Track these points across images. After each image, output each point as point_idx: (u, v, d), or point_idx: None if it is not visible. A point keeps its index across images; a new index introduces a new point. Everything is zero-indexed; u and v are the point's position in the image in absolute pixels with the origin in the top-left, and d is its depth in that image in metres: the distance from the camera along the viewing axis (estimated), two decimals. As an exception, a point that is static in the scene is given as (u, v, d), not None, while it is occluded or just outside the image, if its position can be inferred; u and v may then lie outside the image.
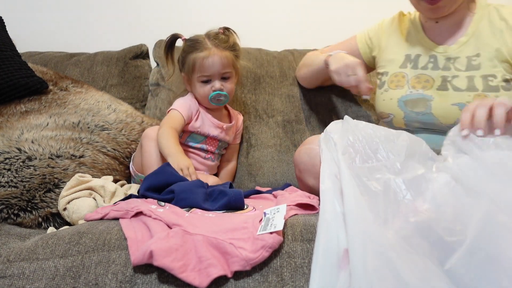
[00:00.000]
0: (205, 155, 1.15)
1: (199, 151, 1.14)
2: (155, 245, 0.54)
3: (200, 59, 1.08)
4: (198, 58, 1.08)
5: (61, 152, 0.97)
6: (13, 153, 0.91)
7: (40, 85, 1.15)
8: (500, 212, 0.49)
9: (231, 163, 1.24)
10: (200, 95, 1.12)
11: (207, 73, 1.08)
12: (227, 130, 1.18)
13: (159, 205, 0.71)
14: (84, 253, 0.59)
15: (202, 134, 1.14)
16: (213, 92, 1.09)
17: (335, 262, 0.50)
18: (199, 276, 0.52)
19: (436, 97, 0.94)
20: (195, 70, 1.09)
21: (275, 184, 1.20)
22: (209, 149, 1.16)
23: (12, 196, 0.86)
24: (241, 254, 0.53)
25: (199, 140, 1.14)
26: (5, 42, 1.21)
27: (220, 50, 1.10)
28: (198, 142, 1.14)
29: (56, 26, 1.63)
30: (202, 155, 1.15)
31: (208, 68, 1.08)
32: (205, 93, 1.10)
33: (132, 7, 1.67)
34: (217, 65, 1.08)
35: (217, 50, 1.09)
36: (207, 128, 1.14)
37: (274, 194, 0.87)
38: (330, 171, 0.64)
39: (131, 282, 0.55)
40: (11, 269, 0.58)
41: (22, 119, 1.04)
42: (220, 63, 1.08)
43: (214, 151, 1.17)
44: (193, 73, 1.10)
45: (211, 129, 1.15)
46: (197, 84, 1.11)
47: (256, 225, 0.59)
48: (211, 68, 1.08)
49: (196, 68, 1.09)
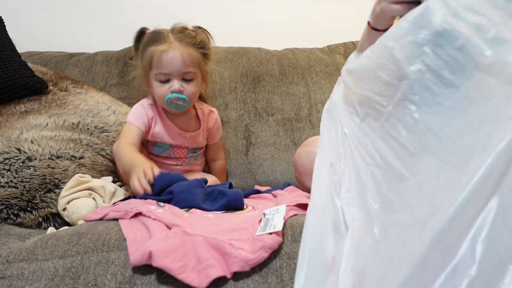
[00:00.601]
0: (176, 161, 1.04)
1: (168, 160, 1.04)
2: (154, 246, 0.54)
3: (158, 53, 0.92)
4: (156, 52, 0.92)
5: (61, 152, 0.97)
6: (12, 153, 0.91)
7: (40, 85, 1.15)
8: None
9: (217, 162, 1.15)
10: (157, 96, 0.97)
11: (165, 71, 0.92)
12: (194, 137, 1.05)
13: (158, 206, 0.71)
14: (83, 254, 0.59)
15: (165, 143, 1.01)
16: (170, 94, 0.93)
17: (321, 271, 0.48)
18: (198, 276, 0.52)
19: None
20: (152, 66, 0.94)
21: (275, 182, 1.20)
22: (178, 156, 1.05)
23: (12, 196, 0.86)
24: (240, 255, 0.53)
25: (165, 148, 1.03)
26: (5, 42, 1.21)
27: (183, 46, 0.94)
28: (164, 151, 1.03)
29: (56, 26, 1.63)
30: (173, 162, 1.04)
31: (167, 65, 0.92)
32: (162, 94, 0.94)
33: (132, 7, 1.67)
34: (177, 62, 0.92)
35: (179, 44, 0.93)
36: (168, 137, 1.01)
37: (274, 194, 0.87)
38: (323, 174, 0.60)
39: (130, 283, 0.55)
40: (10, 269, 0.58)
41: (22, 119, 1.04)
42: (181, 59, 0.92)
43: (186, 156, 1.06)
44: (150, 69, 0.95)
45: (174, 137, 1.01)
46: (154, 83, 0.95)
47: (255, 225, 0.59)
48: (170, 65, 0.92)
49: (153, 64, 0.93)
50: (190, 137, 1.04)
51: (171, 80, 0.94)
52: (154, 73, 0.95)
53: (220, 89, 1.36)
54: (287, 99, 1.34)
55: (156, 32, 0.97)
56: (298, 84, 1.37)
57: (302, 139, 1.26)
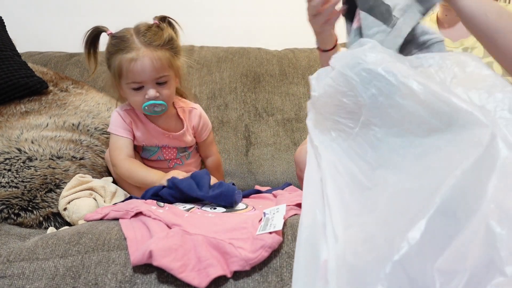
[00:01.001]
0: (168, 163, 1.02)
1: (159, 163, 1.02)
2: (154, 245, 0.54)
3: (127, 62, 0.87)
4: (124, 61, 0.88)
5: (61, 153, 0.97)
6: (13, 153, 0.91)
7: (40, 85, 1.15)
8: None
9: (210, 158, 1.12)
10: (133, 104, 0.95)
11: (137, 80, 0.89)
12: (180, 137, 1.01)
13: (158, 206, 0.72)
14: (84, 253, 0.59)
15: (151, 145, 0.99)
16: (147, 102, 0.90)
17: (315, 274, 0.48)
18: (199, 276, 0.52)
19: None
20: (122, 76, 0.90)
21: (275, 183, 1.20)
22: (168, 157, 1.03)
23: (13, 196, 0.86)
24: (240, 254, 0.53)
25: (153, 151, 1.01)
26: (5, 42, 1.21)
27: (152, 50, 0.89)
28: (153, 154, 1.01)
29: (56, 26, 1.64)
30: (165, 164, 1.02)
31: (138, 74, 0.88)
32: (138, 102, 0.91)
33: (132, 7, 1.67)
34: (148, 70, 0.88)
35: (148, 50, 0.88)
36: (152, 139, 0.98)
37: (274, 194, 0.87)
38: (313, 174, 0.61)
39: (131, 282, 0.55)
40: (11, 269, 0.58)
41: (22, 119, 1.04)
42: (152, 67, 0.88)
43: (176, 156, 1.04)
44: (120, 78, 0.91)
45: (158, 138, 0.99)
46: (127, 91, 0.92)
47: (255, 225, 0.59)
48: (141, 74, 0.88)
49: (123, 74, 0.89)
50: (174, 137, 1.01)
51: (145, 87, 0.90)
52: (125, 82, 0.91)
53: (220, 89, 1.36)
54: (287, 99, 1.34)
55: (120, 37, 0.91)
56: (298, 84, 1.37)
57: (302, 139, 1.27)
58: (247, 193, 0.91)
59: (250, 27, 1.68)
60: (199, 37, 1.54)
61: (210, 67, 1.40)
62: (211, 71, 1.39)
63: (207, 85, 1.37)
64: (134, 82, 0.89)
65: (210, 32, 1.56)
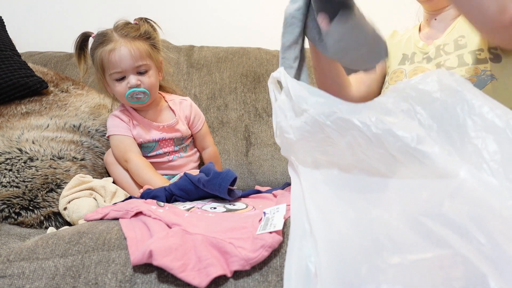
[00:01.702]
0: (168, 157, 1.05)
1: (159, 157, 1.05)
2: (154, 245, 0.54)
3: (107, 54, 0.94)
4: (104, 53, 0.95)
5: (62, 153, 0.97)
6: (14, 153, 0.92)
7: (40, 85, 1.15)
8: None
9: (207, 149, 1.15)
10: (117, 95, 1.00)
11: (118, 69, 0.95)
12: (173, 126, 1.05)
13: (158, 206, 0.72)
14: (84, 253, 0.59)
15: (149, 141, 1.03)
16: (129, 90, 0.95)
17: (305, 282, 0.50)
18: (199, 275, 0.52)
19: None
20: (104, 68, 0.96)
21: (275, 183, 1.20)
22: (167, 150, 1.05)
23: (14, 196, 0.86)
24: (240, 254, 0.53)
25: (151, 147, 1.04)
26: (5, 42, 1.21)
27: (129, 41, 0.95)
28: (151, 150, 1.04)
29: (56, 26, 1.64)
30: (165, 159, 1.05)
31: (117, 63, 0.94)
32: (122, 92, 0.97)
33: (132, 7, 1.67)
34: (127, 58, 0.94)
35: (125, 41, 0.95)
36: (147, 133, 1.03)
37: (274, 194, 0.87)
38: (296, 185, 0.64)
39: (131, 282, 0.55)
40: (11, 268, 0.58)
41: (23, 120, 1.04)
42: (130, 55, 0.94)
43: (174, 149, 1.06)
44: (104, 72, 0.97)
45: (153, 133, 1.03)
46: (111, 83, 0.98)
47: (255, 224, 0.59)
48: (121, 63, 0.94)
49: (105, 65, 0.96)
50: (168, 127, 1.05)
51: (126, 77, 0.96)
52: (108, 74, 0.97)
53: (220, 90, 1.36)
54: (287, 99, 1.35)
55: (100, 34, 0.99)
56: (298, 84, 1.37)
57: (302, 139, 1.27)
58: (247, 193, 0.91)
59: (250, 27, 1.68)
60: (199, 37, 1.54)
61: (210, 67, 1.40)
62: (211, 71, 1.39)
63: (207, 85, 1.37)
64: (115, 72, 0.95)
65: (210, 32, 1.56)
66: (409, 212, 0.49)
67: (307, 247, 0.53)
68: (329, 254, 0.48)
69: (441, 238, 0.45)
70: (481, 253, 0.43)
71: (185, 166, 1.09)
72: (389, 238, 0.47)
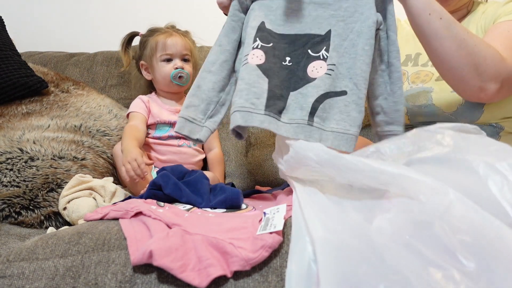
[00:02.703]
0: (177, 142, 1.14)
1: (170, 140, 1.14)
2: (154, 245, 0.54)
3: (163, 38, 1.15)
4: (160, 38, 1.15)
5: (63, 153, 0.97)
6: (15, 153, 0.92)
7: (40, 85, 1.15)
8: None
9: (213, 150, 1.22)
10: (161, 75, 1.15)
11: (169, 51, 1.14)
12: None
13: (158, 206, 0.72)
14: (83, 253, 0.59)
15: (164, 122, 1.14)
16: (175, 70, 1.13)
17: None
18: (199, 276, 0.52)
19: (436, 87, 0.96)
20: (157, 50, 1.14)
21: (275, 183, 1.20)
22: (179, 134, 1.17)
23: (14, 195, 0.86)
24: (240, 254, 0.53)
25: (165, 129, 1.15)
26: (5, 41, 1.21)
27: (180, 34, 1.18)
28: (165, 131, 1.14)
29: (56, 26, 1.64)
30: (175, 143, 1.14)
31: (170, 47, 1.14)
32: (167, 72, 1.14)
33: (132, 7, 1.67)
34: (179, 45, 1.14)
35: (178, 33, 1.18)
36: (166, 115, 1.15)
37: (274, 194, 0.87)
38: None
39: (131, 282, 0.55)
40: (11, 269, 0.58)
41: (24, 120, 1.04)
42: (182, 43, 1.15)
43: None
44: (153, 55, 1.15)
45: (170, 116, 1.15)
46: (158, 64, 1.15)
47: (255, 225, 0.59)
48: (173, 47, 1.14)
49: (158, 48, 1.14)
50: None
51: (173, 60, 1.15)
52: (158, 55, 1.14)
53: (220, 90, 1.36)
54: (287, 100, 1.35)
55: (154, 27, 1.20)
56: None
57: (302, 140, 1.27)
58: (247, 194, 0.91)
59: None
60: (199, 37, 1.53)
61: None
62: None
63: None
64: (166, 53, 1.14)
65: (210, 32, 1.56)
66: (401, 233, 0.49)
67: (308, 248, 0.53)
68: (326, 254, 0.48)
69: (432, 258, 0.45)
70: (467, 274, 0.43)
71: (190, 157, 1.15)
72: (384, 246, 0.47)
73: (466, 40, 0.76)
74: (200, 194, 0.78)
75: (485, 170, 0.51)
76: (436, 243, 0.46)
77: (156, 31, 1.18)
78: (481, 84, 0.77)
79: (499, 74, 0.75)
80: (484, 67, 0.76)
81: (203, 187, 0.80)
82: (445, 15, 0.76)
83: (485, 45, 0.77)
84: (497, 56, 0.77)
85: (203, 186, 0.80)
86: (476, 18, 0.99)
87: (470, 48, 0.76)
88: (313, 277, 0.49)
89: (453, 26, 0.76)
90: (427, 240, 0.46)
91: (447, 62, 0.79)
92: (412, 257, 0.46)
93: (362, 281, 0.45)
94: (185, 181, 0.82)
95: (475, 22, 0.98)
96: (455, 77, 0.80)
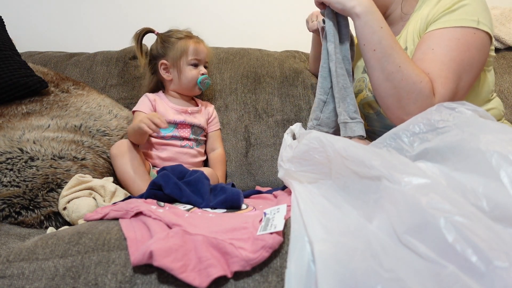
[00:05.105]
0: (180, 142, 1.17)
1: (174, 140, 1.16)
2: (155, 245, 0.54)
3: (194, 43, 1.20)
4: (190, 43, 1.20)
5: (63, 153, 0.97)
6: (15, 153, 0.92)
7: (40, 85, 1.15)
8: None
9: (216, 150, 1.24)
10: (188, 78, 1.19)
11: (198, 57, 1.20)
12: (194, 114, 1.22)
13: (159, 206, 0.71)
14: (83, 253, 0.59)
15: (168, 122, 1.16)
16: (202, 76, 1.19)
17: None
18: (199, 276, 0.52)
19: None
20: (187, 53, 1.19)
21: (275, 183, 1.20)
22: (183, 135, 1.17)
23: (14, 195, 0.86)
24: (241, 254, 0.53)
25: (170, 129, 1.17)
26: (5, 41, 1.21)
27: (203, 42, 1.24)
28: (169, 131, 1.17)
29: (56, 26, 1.64)
30: (178, 143, 1.16)
31: (200, 53, 1.20)
32: (194, 76, 1.19)
33: (132, 7, 1.67)
34: (204, 52, 1.22)
35: (202, 41, 1.24)
36: (172, 115, 1.18)
37: (274, 194, 0.87)
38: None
39: (131, 282, 0.55)
40: (11, 269, 0.57)
41: (24, 120, 1.04)
42: (206, 52, 1.22)
43: (189, 136, 1.18)
44: (182, 57, 1.19)
45: (176, 116, 1.18)
46: (186, 67, 1.19)
47: (256, 225, 0.59)
48: (202, 53, 1.21)
49: (189, 52, 1.19)
50: (192, 112, 1.21)
51: (199, 66, 1.21)
52: (188, 59, 1.19)
53: (221, 90, 1.36)
54: (287, 101, 1.34)
55: (176, 29, 1.25)
56: (298, 85, 1.37)
57: (302, 140, 1.27)
58: (248, 194, 0.91)
59: (251, 28, 1.68)
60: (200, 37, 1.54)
61: (211, 68, 1.40)
62: (212, 72, 1.39)
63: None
64: (195, 58, 1.20)
65: (210, 33, 1.56)
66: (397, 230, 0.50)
67: (308, 248, 0.53)
68: (325, 254, 0.48)
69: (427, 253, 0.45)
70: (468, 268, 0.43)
71: (191, 158, 1.17)
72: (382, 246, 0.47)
73: (393, 73, 0.80)
74: (201, 194, 0.78)
75: (497, 161, 0.52)
76: (435, 243, 0.46)
77: (182, 34, 1.22)
78: (403, 117, 0.81)
79: (422, 109, 0.74)
80: (406, 101, 0.80)
81: (203, 187, 0.80)
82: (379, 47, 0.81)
83: (413, 80, 0.79)
84: (424, 92, 0.79)
85: (204, 186, 0.80)
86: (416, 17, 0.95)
87: (397, 82, 0.80)
88: (312, 277, 0.49)
89: (385, 58, 0.81)
90: (426, 240, 0.47)
91: (375, 89, 0.85)
92: (409, 258, 0.46)
93: (360, 282, 0.45)
94: (185, 181, 0.82)
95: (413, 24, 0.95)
96: (382, 104, 0.86)
